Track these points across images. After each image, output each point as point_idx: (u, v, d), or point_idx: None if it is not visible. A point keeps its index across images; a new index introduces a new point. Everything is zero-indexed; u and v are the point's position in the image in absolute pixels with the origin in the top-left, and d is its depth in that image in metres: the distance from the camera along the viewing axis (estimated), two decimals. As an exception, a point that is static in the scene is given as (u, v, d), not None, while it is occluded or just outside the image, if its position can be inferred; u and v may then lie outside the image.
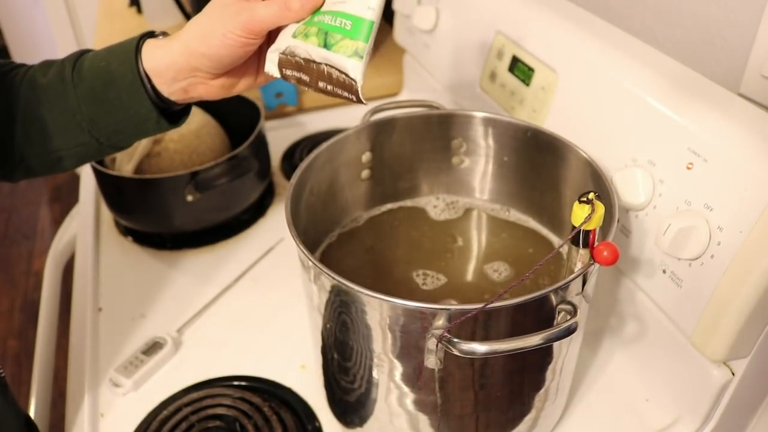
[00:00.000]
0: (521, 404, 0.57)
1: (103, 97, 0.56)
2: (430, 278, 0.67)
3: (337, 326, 0.55)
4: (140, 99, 0.56)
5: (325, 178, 0.67)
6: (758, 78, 0.62)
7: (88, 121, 0.57)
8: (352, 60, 0.50)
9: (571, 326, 0.47)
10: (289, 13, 0.53)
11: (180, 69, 0.55)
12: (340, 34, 0.51)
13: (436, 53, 1.00)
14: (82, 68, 0.57)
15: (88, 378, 0.70)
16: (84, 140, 0.58)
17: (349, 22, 0.50)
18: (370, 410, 0.58)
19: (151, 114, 0.56)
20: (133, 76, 0.55)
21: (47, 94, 0.57)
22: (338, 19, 0.51)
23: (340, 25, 0.51)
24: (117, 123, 0.57)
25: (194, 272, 0.85)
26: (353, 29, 0.50)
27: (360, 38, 0.50)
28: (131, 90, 0.55)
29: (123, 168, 0.86)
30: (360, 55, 0.50)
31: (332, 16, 0.52)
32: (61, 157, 0.59)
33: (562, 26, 0.75)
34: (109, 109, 0.56)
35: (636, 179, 0.61)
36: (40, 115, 0.57)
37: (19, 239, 2.21)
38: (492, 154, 0.71)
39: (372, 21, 0.50)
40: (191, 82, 0.56)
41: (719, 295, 0.55)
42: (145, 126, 0.58)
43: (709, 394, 0.59)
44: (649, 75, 0.64)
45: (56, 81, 0.57)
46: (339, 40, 0.51)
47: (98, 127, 0.57)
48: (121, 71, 0.55)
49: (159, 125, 0.58)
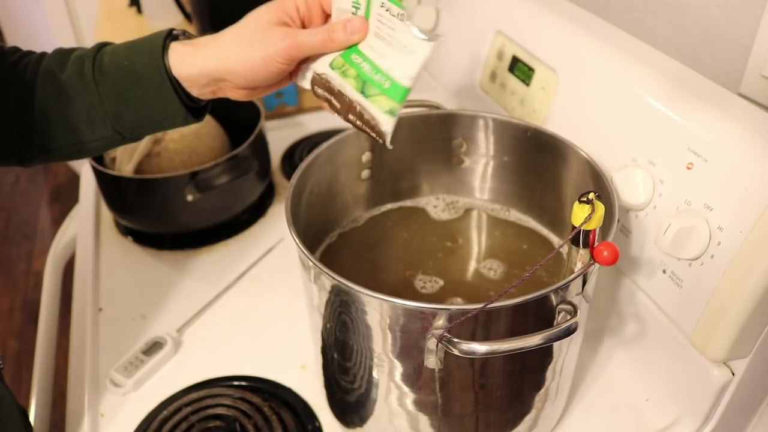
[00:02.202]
0: (521, 404, 0.57)
1: (127, 95, 0.56)
2: (430, 279, 0.67)
3: (337, 326, 0.55)
4: (168, 98, 0.56)
5: (325, 178, 0.67)
6: (758, 78, 0.62)
7: (112, 117, 0.57)
8: (386, 116, 0.54)
9: (571, 326, 0.47)
10: (332, 44, 0.55)
11: (212, 79, 0.56)
12: (377, 89, 0.54)
13: (436, 53, 1.00)
14: (103, 65, 0.56)
15: (88, 378, 0.70)
16: (107, 134, 0.58)
17: (388, 83, 0.54)
18: (370, 410, 0.58)
19: (179, 112, 0.57)
20: (161, 77, 0.55)
21: (67, 90, 0.57)
22: (378, 75, 0.54)
23: (378, 81, 0.54)
24: (143, 118, 0.57)
25: (194, 272, 0.85)
26: (391, 90, 0.54)
27: (396, 100, 0.54)
28: (158, 89, 0.56)
29: (123, 168, 0.86)
30: (394, 114, 0.54)
31: (372, 68, 0.54)
32: (83, 149, 0.59)
33: (562, 26, 0.75)
34: (135, 107, 0.57)
35: (636, 179, 0.61)
36: (61, 111, 0.57)
37: (19, 239, 2.21)
38: (492, 154, 0.71)
39: (409, 89, 0.54)
40: (221, 87, 0.57)
41: (719, 295, 0.55)
42: (172, 121, 0.58)
43: (709, 394, 0.59)
44: (649, 75, 0.64)
45: (76, 77, 0.57)
46: (376, 94, 0.54)
47: (122, 122, 0.58)
48: (148, 72, 0.55)
49: (186, 120, 0.58)
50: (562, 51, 0.73)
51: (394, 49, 0.54)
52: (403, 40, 0.53)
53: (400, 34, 0.53)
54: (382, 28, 0.54)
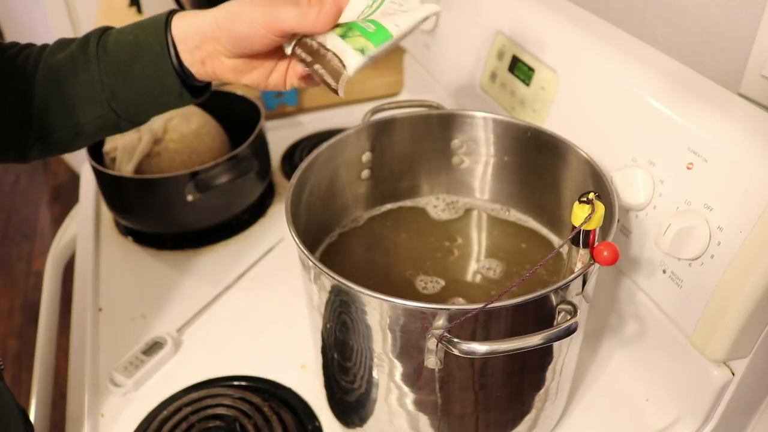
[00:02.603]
0: (521, 404, 0.57)
1: (126, 69, 0.57)
2: (431, 279, 0.67)
3: (337, 326, 0.55)
4: (165, 69, 0.57)
5: (325, 178, 0.67)
6: (758, 78, 0.62)
7: (109, 93, 0.58)
8: (355, 53, 0.53)
9: (571, 326, 0.47)
10: (305, 21, 0.55)
11: (205, 37, 0.57)
12: (359, 32, 0.54)
13: (436, 53, 1.00)
14: (107, 42, 0.58)
15: (88, 378, 0.70)
16: (103, 113, 0.59)
17: (374, 27, 0.54)
18: (370, 410, 0.58)
19: (174, 85, 0.58)
20: (161, 47, 0.57)
21: (69, 67, 0.58)
22: (367, 23, 0.54)
23: (365, 27, 0.54)
24: (139, 95, 0.58)
25: (194, 272, 0.85)
26: (373, 34, 0.54)
27: (373, 41, 0.53)
28: (157, 61, 0.57)
29: (123, 168, 0.86)
30: (363, 53, 0.53)
31: (364, 20, 0.55)
32: (80, 132, 0.60)
33: (562, 26, 0.75)
34: (131, 80, 0.58)
35: (636, 179, 0.61)
36: (61, 91, 0.58)
37: (19, 239, 2.21)
38: (492, 154, 0.71)
39: (392, 35, 0.53)
40: (210, 54, 0.58)
41: (719, 295, 0.55)
42: (167, 99, 0.59)
43: (709, 394, 0.59)
44: (649, 75, 0.64)
45: (78, 53, 0.58)
46: (356, 35, 0.54)
47: (118, 99, 0.58)
48: (149, 42, 0.57)
49: (181, 97, 0.59)
50: (562, 51, 0.73)
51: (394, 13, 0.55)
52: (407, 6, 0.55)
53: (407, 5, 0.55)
54: (392, 6, 0.56)
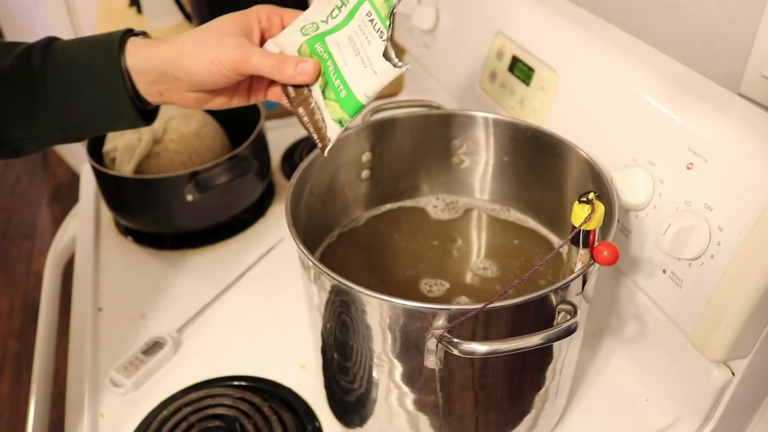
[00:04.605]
0: (521, 404, 0.57)
1: (78, 92, 0.55)
2: (435, 282, 0.67)
3: (337, 326, 0.55)
4: (120, 98, 0.55)
5: (325, 178, 0.67)
6: (758, 78, 0.62)
7: (57, 114, 0.55)
8: (334, 124, 0.55)
9: (571, 326, 0.47)
10: (279, 74, 0.55)
11: (162, 74, 0.55)
12: (334, 95, 0.54)
13: (436, 53, 1.00)
14: (55, 59, 0.54)
15: (88, 378, 0.70)
16: (48, 131, 0.56)
17: (345, 92, 0.54)
18: (370, 410, 0.58)
19: (129, 113, 0.56)
20: (115, 75, 0.54)
21: (9, 80, 0.54)
22: (338, 81, 0.54)
23: (338, 87, 0.54)
24: (90, 118, 0.56)
25: (194, 272, 0.85)
26: (345, 101, 0.54)
27: (348, 112, 0.54)
28: (111, 89, 0.54)
29: (123, 168, 0.86)
30: (342, 124, 0.55)
31: (334, 70, 0.54)
32: (21, 146, 0.57)
33: (562, 26, 0.75)
34: (84, 105, 0.55)
35: (636, 179, 0.61)
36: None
37: (19, 239, 2.21)
38: (492, 154, 0.71)
39: (363, 105, 0.54)
40: (168, 88, 0.56)
41: (719, 295, 0.55)
42: (120, 123, 0.57)
43: (709, 394, 0.59)
44: (649, 75, 0.64)
45: (21, 67, 0.54)
46: (332, 99, 0.55)
47: (67, 120, 0.56)
48: (102, 69, 0.54)
49: (136, 123, 0.57)
50: (562, 51, 0.73)
51: (358, 59, 0.54)
52: (372, 56, 0.53)
53: (372, 50, 0.53)
54: (358, 35, 0.54)
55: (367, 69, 0.53)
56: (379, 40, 0.53)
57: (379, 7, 0.54)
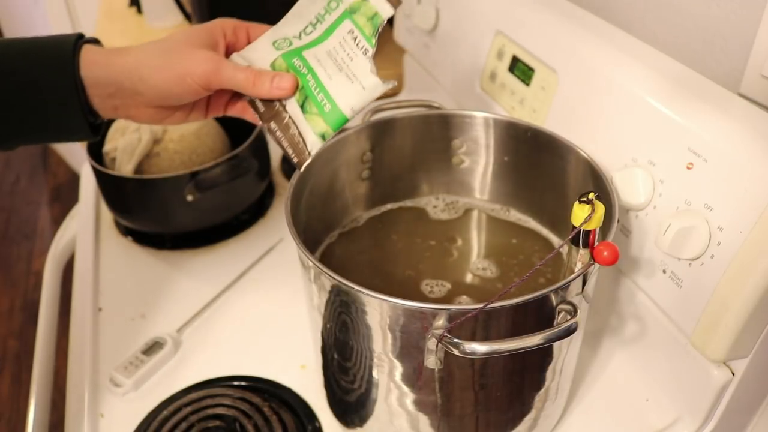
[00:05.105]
0: (521, 404, 0.57)
1: (21, 103, 0.48)
2: (436, 283, 0.67)
3: (337, 326, 0.55)
4: (72, 113, 0.50)
5: (325, 178, 0.67)
6: (758, 78, 0.62)
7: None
8: (316, 138, 0.54)
9: (571, 326, 0.47)
10: (253, 89, 0.53)
11: (121, 88, 0.50)
12: (317, 109, 0.54)
13: (436, 53, 1.00)
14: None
15: (88, 378, 0.70)
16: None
17: (329, 106, 0.53)
18: (370, 410, 0.58)
19: (81, 128, 0.51)
20: (69, 90, 0.49)
21: None
22: (321, 95, 0.54)
23: (320, 101, 0.54)
24: (33, 131, 0.50)
25: (194, 272, 0.85)
26: (329, 115, 0.53)
27: (332, 126, 0.54)
28: (62, 101, 0.49)
29: (123, 168, 0.86)
30: (324, 138, 0.54)
31: (316, 84, 0.54)
32: None
33: (562, 26, 0.75)
34: (27, 116, 0.49)
35: (636, 179, 0.61)
36: None
37: (19, 239, 2.21)
38: (492, 154, 0.71)
39: (347, 119, 0.54)
40: (126, 104, 0.52)
41: (719, 295, 0.55)
42: (68, 137, 0.53)
43: (709, 394, 0.59)
44: (649, 75, 0.64)
45: None
46: (314, 113, 0.54)
47: (4, 131, 0.50)
48: (52, 79, 0.49)
49: (86, 137, 0.53)
50: (562, 51, 0.73)
51: (342, 74, 0.54)
52: (357, 71, 0.53)
53: (357, 66, 0.53)
54: (339, 51, 0.54)
55: (354, 84, 0.53)
56: (363, 57, 0.53)
57: (362, 25, 0.54)
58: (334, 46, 0.55)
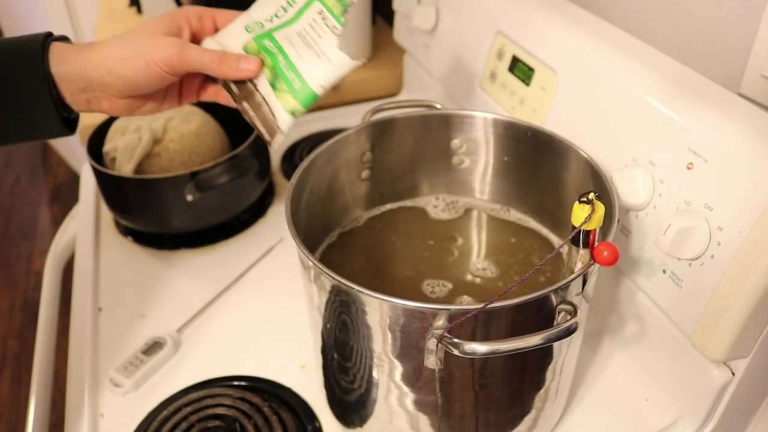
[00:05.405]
0: (521, 404, 0.57)
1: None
2: (438, 283, 0.67)
3: (337, 326, 0.55)
4: (44, 106, 0.52)
5: (325, 178, 0.67)
6: (758, 78, 0.62)
7: None
8: (287, 115, 0.55)
9: (571, 326, 0.47)
10: (220, 70, 0.54)
11: (91, 82, 0.52)
12: (287, 87, 0.55)
13: (436, 53, 1.00)
14: None
15: (88, 378, 0.70)
16: None
17: (300, 83, 0.54)
18: (370, 410, 0.58)
19: (54, 123, 0.53)
20: (39, 82, 0.51)
21: None
22: (291, 73, 0.55)
23: (290, 78, 0.55)
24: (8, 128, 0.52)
25: (194, 272, 0.85)
26: (300, 92, 0.54)
27: (302, 103, 0.55)
28: (35, 96, 0.51)
29: (123, 168, 0.86)
30: (295, 115, 0.55)
31: (286, 63, 0.55)
32: None
33: (562, 26, 0.75)
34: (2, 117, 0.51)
35: (636, 179, 0.61)
36: None
37: (19, 239, 2.21)
38: (492, 154, 0.71)
39: (318, 96, 0.55)
40: (97, 96, 0.54)
41: (719, 295, 0.55)
42: (42, 133, 0.54)
43: (709, 394, 0.59)
44: (649, 75, 0.64)
45: None
46: (284, 90, 0.55)
47: None
48: (22, 74, 0.51)
49: (60, 133, 0.54)
50: (562, 51, 0.73)
51: (313, 51, 0.55)
52: (326, 48, 0.55)
53: (325, 43, 0.55)
54: (309, 31, 0.55)
55: (322, 60, 0.54)
56: (332, 34, 0.55)
57: (331, 5, 0.55)
58: (305, 27, 0.56)
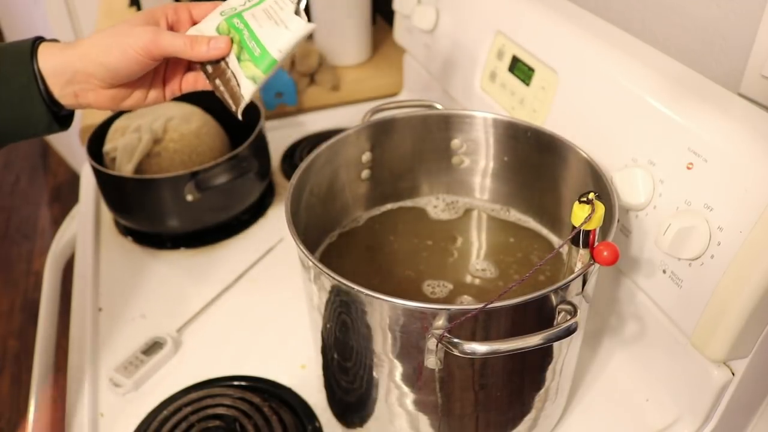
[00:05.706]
0: (521, 404, 0.57)
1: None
2: (438, 284, 0.67)
3: (337, 326, 0.55)
4: (33, 102, 0.55)
5: (325, 178, 0.67)
6: (758, 78, 0.62)
7: None
8: (248, 81, 0.58)
9: (571, 326, 0.47)
10: (192, 52, 0.57)
11: (76, 72, 0.56)
12: (248, 55, 0.58)
13: (436, 53, 1.00)
14: None
15: (88, 378, 0.70)
16: None
17: (259, 50, 0.57)
18: (370, 410, 0.58)
19: (43, 117, 0.56)
20: (28, 78, 0.54)
21: None
22: (252, 42, 0.58)
23: (251, 47, 0.58)
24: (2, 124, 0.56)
25: (194, 272, 0.85)
26: (260, 58, 0.57)
27: (261, 68, 0.58)
28: (24, 92, 0.55)
29: (123, 168, 0.86)
30: (255, 81, 0.58)
31: (249, 35, 0.58)
32: None
33: (562, 26, 0.75)
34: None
35: (636, 179, 0.61)
36: None
37: (19, 239, 2.21)
38: (492, 154, 0.71)
39: (276, 60, 0.57)
40: (83, 88, 0.57)
41: (719, 295, 0.55)
42: (34, 129, 0.57)
43: (709, 394, 0.59)
44: (649, 75, 0.64)
45: None
46: (246, 59, 0.58)
47: None
48: (14, 72, 0.54)
49: (50, 128, 0.57)
50: (562, 51, 0.73)
51: (272, 21, 0.58)
52: (284, 17, 0.58)
53: (285, 14, 0.58)
54: (273, 6, 0.58)
55: (280, 27, 0.57)
56: (291, 4, 0.58)
57: None
58: (271, 5, 0.59)
